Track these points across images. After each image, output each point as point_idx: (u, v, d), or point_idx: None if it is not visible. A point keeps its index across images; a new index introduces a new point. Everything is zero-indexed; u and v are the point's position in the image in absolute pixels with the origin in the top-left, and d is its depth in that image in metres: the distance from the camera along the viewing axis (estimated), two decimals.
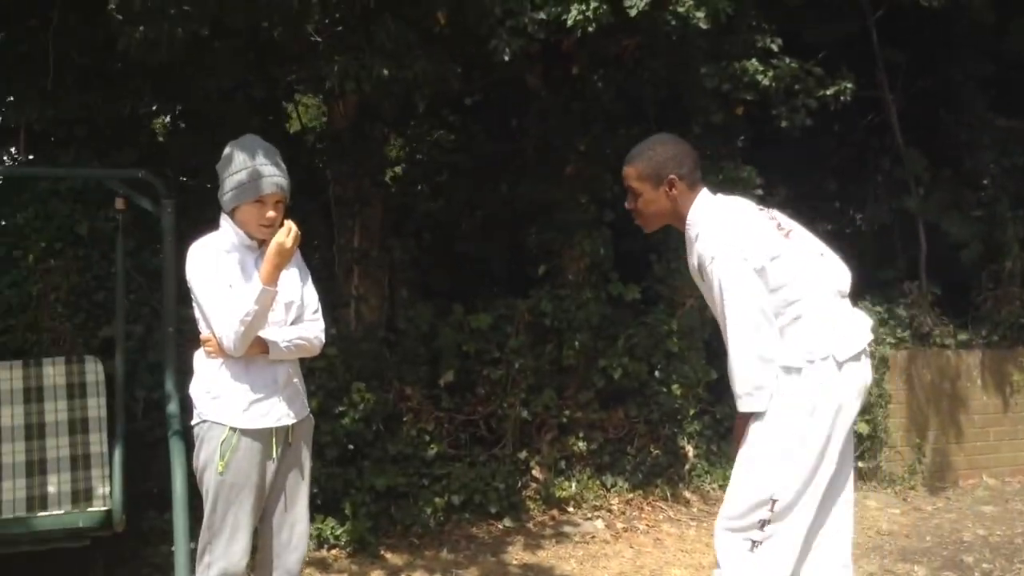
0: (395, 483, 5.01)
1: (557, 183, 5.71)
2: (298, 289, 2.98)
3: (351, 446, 5.04)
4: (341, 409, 4.99)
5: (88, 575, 4.23)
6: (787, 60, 5.31)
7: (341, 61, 4.30)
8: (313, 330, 2.97)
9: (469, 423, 5.47)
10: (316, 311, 3.02)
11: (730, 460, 5.89)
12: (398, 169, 6.93)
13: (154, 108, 5.38)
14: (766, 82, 5.19)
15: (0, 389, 4.24)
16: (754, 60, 5.24)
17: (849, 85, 5.50)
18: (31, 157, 5.14)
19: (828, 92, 5.45)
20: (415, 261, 6.10)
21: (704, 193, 2.83)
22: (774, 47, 5.35)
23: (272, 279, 2.75)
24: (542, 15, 4.41)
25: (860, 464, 6.32)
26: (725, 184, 5.40)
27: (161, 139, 5.87)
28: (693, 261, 2.79)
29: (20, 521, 3.78)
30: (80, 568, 4.23)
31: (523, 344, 5.46)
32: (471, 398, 5.49)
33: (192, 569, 3.15)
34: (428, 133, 6.75)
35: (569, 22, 4.42)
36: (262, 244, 2.88)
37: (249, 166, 2.83)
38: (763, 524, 2.64)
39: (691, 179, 2.78)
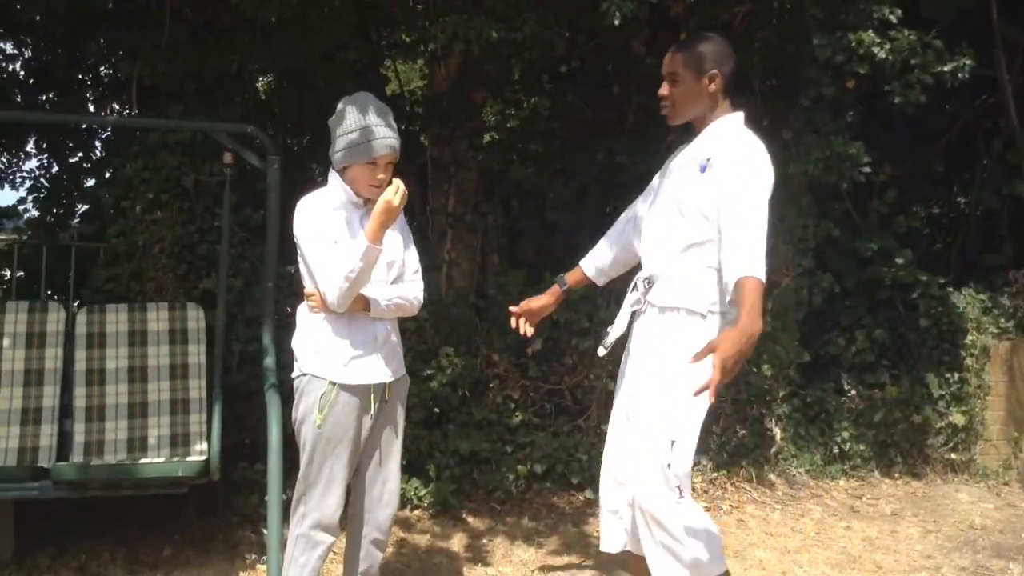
0: (479, 448, 5.03)
1: (656, 153, 5.59)
2: (400, 249, 3.00)
3: (437, 409, 5.08)
4: (429, 372, 5.03)
5: (180, 520, 4.37)
6: (906, 32, 5.07)
7: (449, 22, 4.27)
8: (413, 290, 3.01)
9: (555, 393, 5.44)
10: (416, 271, 3.05)
11: (806, 425, 5.76)
12: (492, 135, 6.90)
13: (258, 67, 5.42)
14: (883, 55, 4.95)
15: (107, 331, 4.38)
16: (870, 31, 5.02)
17: (968, 61, 5.22)
18: (135, 111, 5.24)
19: (945, 68, 5.18)
20: (506, 228, 6.07)
21: (742, 115, 2.92)
22: (892, 18, 5.10)
23: (378, 237, 2.76)
24: None
25: (953, 456, 6.14)
26: (832, 160, 5.23)
27: (263, 97, 5.95)
28: (704, 155, 2.83)
29: (124, 468, 3.90)
30: (172, 513, 4.37)
31: (613, 316, 5.38)
32: (558, 368, 5.46)
33: (284, 519, 3.22)
34: (525, 99, 6.70)
35: None
36: (368, 202, 2.89)
37: (362, 126, 2.83)
38: (670, 465, 2.77)
39: (728, 82, 2.88)
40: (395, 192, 2.75)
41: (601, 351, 3.20)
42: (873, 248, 6.21)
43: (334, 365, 2.87)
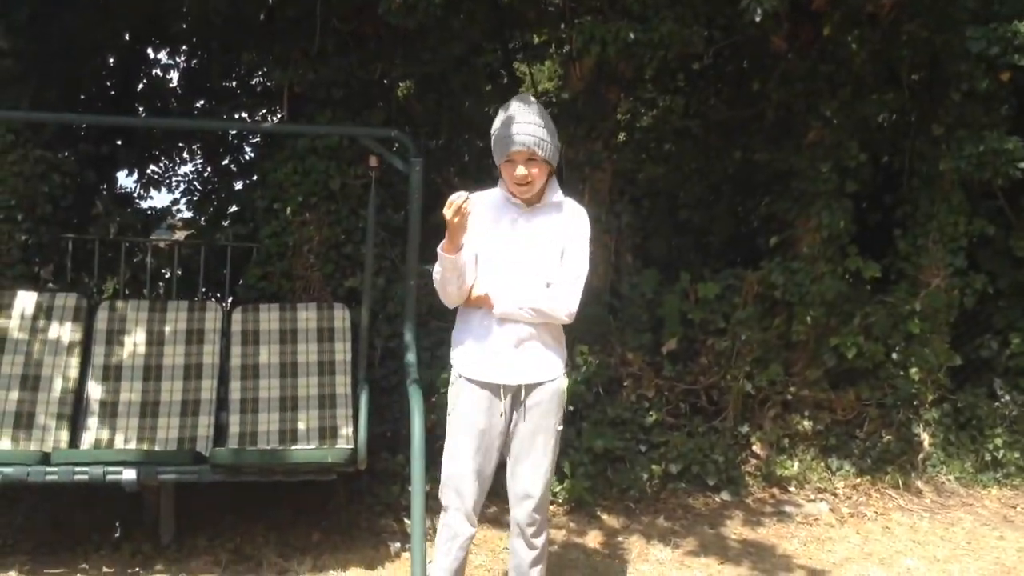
0: (613, 446, 5.04)
1: (796, 150, 5.47)
2: (539, 253, 2.94)
3: (571, 407, 5.10)
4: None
5: (327, 508, 4.55)
6: None
7: (586, 23, 4.29)
8: (557, 298, 2.92)
9: (690, 392, 5.40)
10: (571, 280, 2.94)
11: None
12: (624, 134, 6.88)
13: (400, 73, 5.56)
14: None
15: (260, 329, 4.63)
16: None
17: None
18: (285, 117, 5.47)
19: None
20: (639, 228, 6.05)
21: None
22: None
23: (449, 247, 2.80)
24: None
25: None
26: (986, 155, 4.99)
27: (403, 103, 6.12)
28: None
29: (277, 453, 4.10)
30: (321, 500, 4.56)
31: (750, 316, 5.31)
32: (693, 367, 5.41)
33: (425, 508, 3.41)
34: (659, 97, 6.66)
35: None
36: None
37: (503, 124, 2.87)
38: None
39: None
40: (448, 206, 2.73)
41: None
42: None
43: (462, 360, 3.00)
